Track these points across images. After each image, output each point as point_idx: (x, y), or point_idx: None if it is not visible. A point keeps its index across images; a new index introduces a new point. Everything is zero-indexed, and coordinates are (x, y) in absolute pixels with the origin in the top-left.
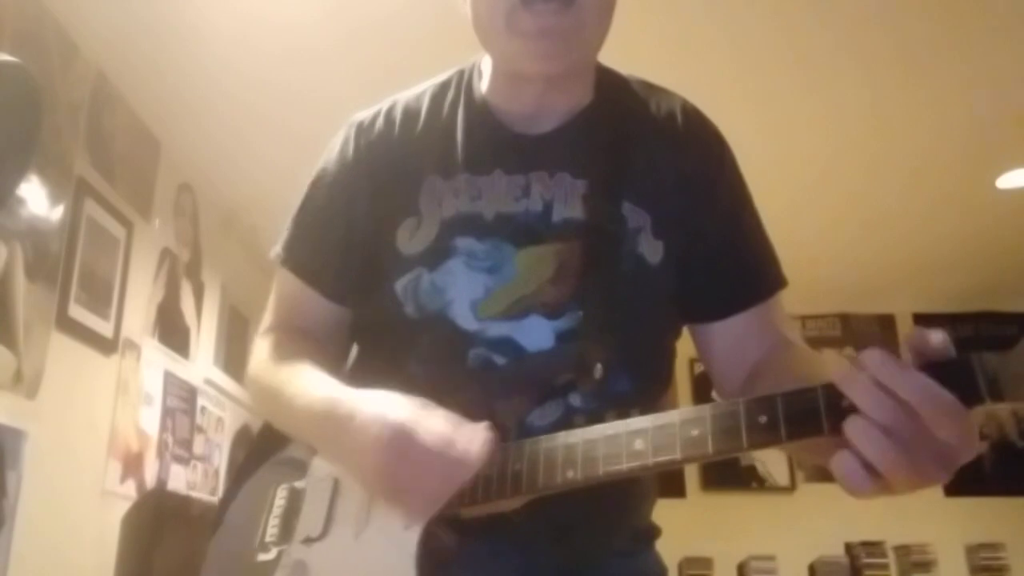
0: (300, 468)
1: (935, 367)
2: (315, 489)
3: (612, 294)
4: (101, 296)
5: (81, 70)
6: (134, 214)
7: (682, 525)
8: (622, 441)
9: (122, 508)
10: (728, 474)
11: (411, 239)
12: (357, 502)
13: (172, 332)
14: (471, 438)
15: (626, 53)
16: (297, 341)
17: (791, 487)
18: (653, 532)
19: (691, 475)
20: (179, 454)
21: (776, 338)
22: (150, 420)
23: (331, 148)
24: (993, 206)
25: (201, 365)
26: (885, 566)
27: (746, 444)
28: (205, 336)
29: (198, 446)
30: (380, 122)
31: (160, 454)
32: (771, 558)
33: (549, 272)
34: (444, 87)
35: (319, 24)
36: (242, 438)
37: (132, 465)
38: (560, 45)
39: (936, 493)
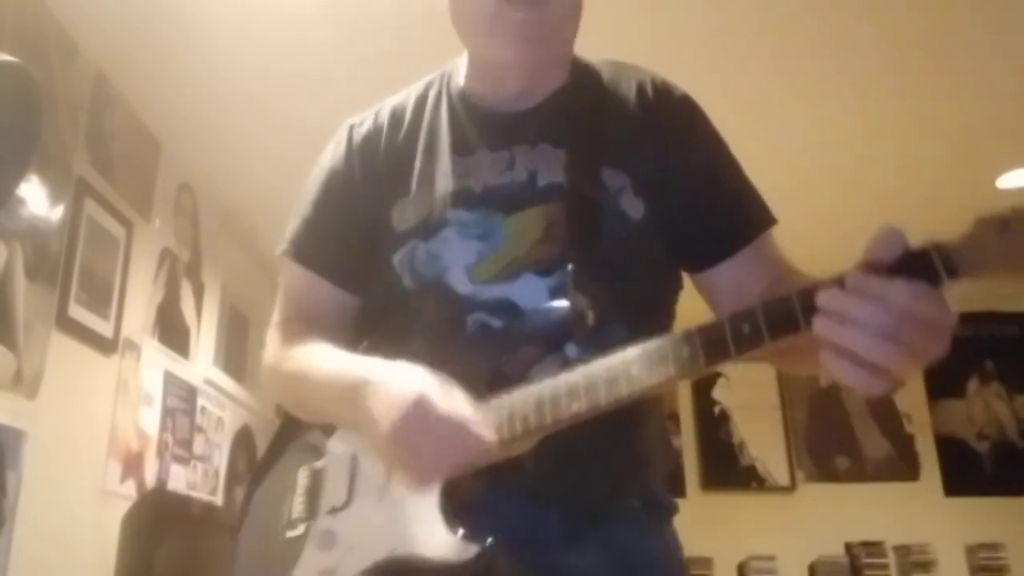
0: (318, 450)
1: (898, 264)
2: (335, 465)
3: (598, 247)
4: (101, 296)
5: (81, 70)
6: (134, 214)
7: (682, 525)
8: (619, 369)
9: (122, 508)
10: (728, 474)
11: (404, 216)
12: (377, 471)
13: (172, 332)
14: (486, 424)
15: (614, 53)
16: (308, 329)
17: (791, 487)
18: (669, 506)
19: (691, 475)
20: (179, 454)
21: (776, 273)
22: (150, 420)
23: (327, 149)
24: (993, 206)
25: (201, 365)
26: (885, 566)
27: (733, 351)
28: (205, 336)
29: (198, 446)
30: (370, 120)
31: (160, 454)
32: (771, 558)
33: (538, 233)
34: (427, 86)
35: (321, 30)
36: (242, 438)
37: (132, 465)
38: (539, 32)
39: (936, 493)
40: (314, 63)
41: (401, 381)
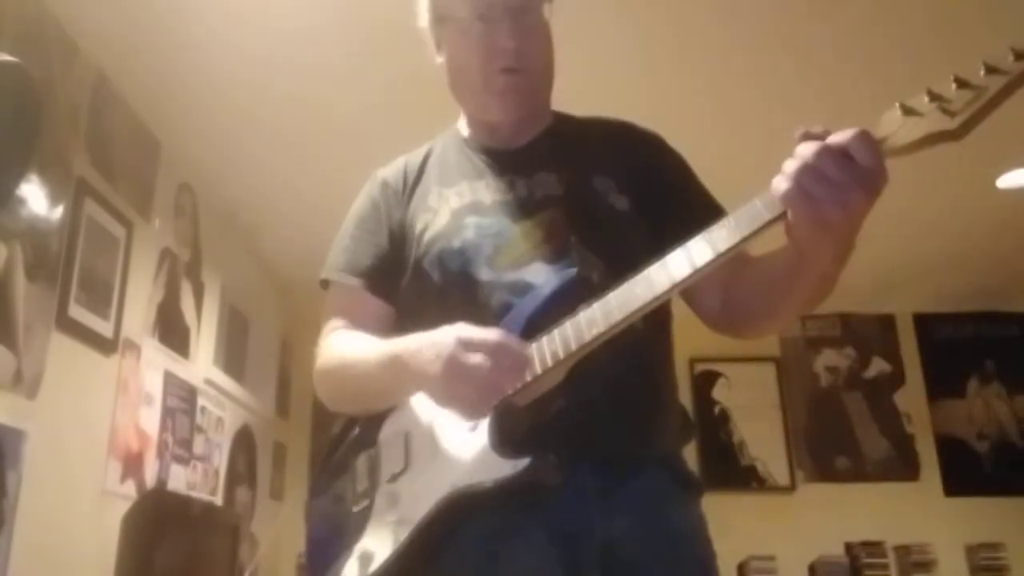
0: (372, 440)
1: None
2: (389, 445)
3: (596, 232)
4: (101, 296)
5: (81, 70)
6: (134, 214)
7: None
8: (626, 293)
9: (122, 508)
10: (728, 474)
11: (428, 230)
12: (428, 439)
13: (172, 332)
14: (519, 343)
15: (606, 68)
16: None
17: (791, 487)
18: (697, 484)
19: None
20: (179, 454)
21: (744, 263)
22: (150, 420)
23: (359, 197)
24: (993, 206)
25: (201, 365)
26: (885, 566)
27: (722, 251)
28: (205, 336)
29: (198, 446)
30: (391, 169)
31: (160, 454)
32: (771, 558)
33: (543, 233)
34: (436, 141)
35: (319, 31)
36: (242, 438)
37: (132, 465)
38: (522, 91)
39: (936, 493)
40: (315, 62)
41: (437, 334)
